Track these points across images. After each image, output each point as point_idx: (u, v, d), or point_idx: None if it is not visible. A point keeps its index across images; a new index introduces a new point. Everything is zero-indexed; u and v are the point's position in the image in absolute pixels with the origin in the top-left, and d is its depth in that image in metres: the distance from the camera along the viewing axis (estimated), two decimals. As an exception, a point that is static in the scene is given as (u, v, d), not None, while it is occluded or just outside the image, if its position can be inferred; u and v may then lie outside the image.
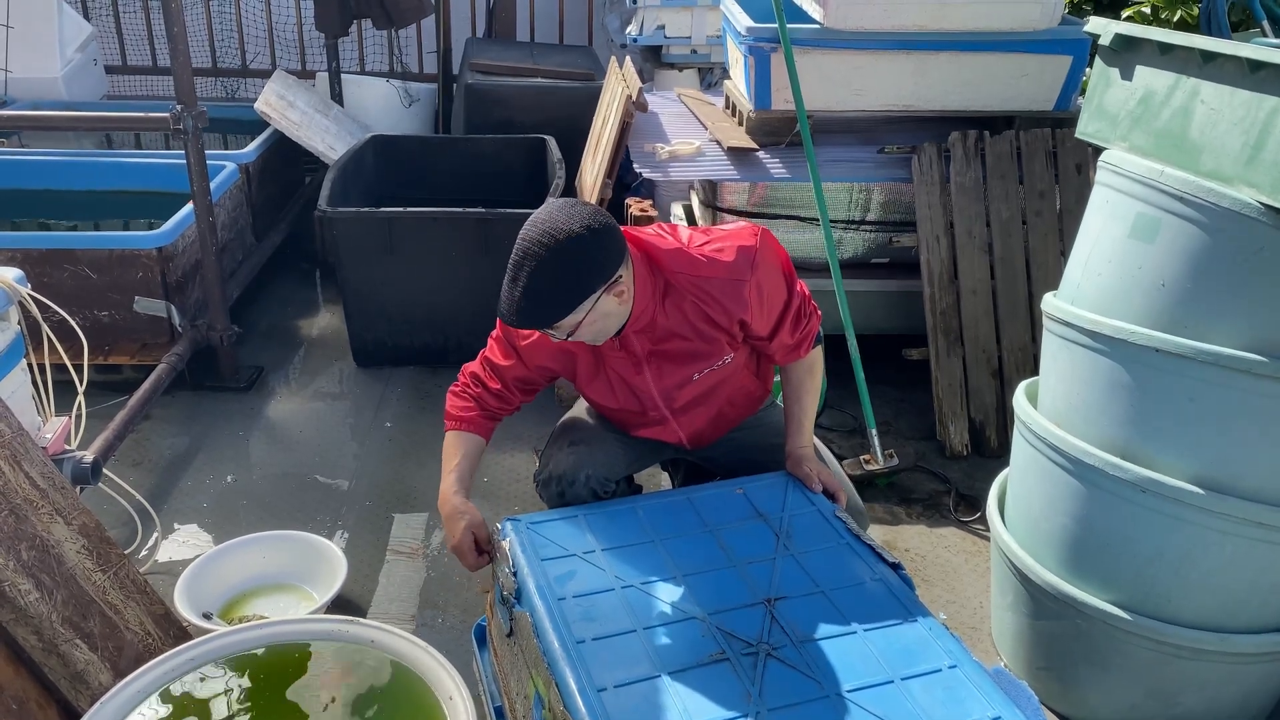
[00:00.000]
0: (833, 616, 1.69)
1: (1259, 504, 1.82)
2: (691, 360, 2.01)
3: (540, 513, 1.98)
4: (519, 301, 1.76)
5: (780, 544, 1.87)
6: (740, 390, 2.15)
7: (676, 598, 1.74)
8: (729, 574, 1.80)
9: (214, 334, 3.32)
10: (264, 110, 4.18)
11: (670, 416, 2.11)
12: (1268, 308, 1.77)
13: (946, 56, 3.20)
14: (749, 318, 1.96)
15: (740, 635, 1.65)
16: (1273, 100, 1.70)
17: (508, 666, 1.88)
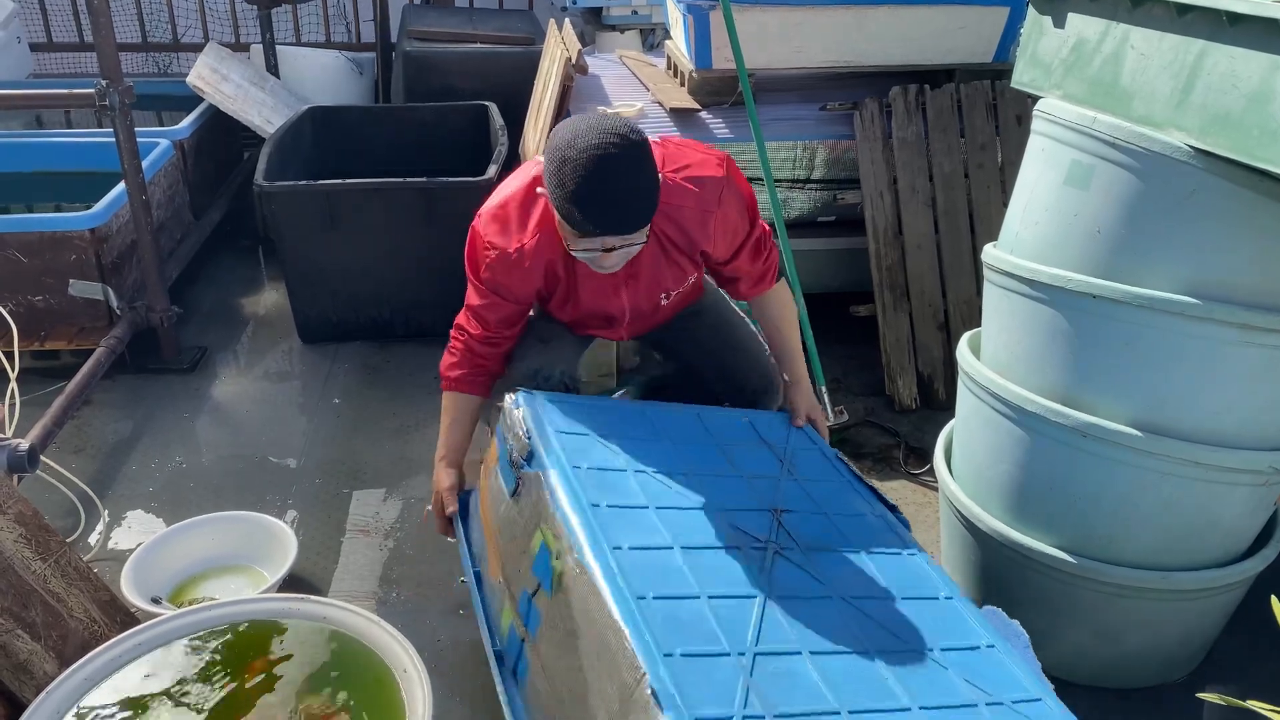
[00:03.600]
0: (835, 537, 1.74)
1: (1195, 444, 1.86)
2: (660, 283, 2.07)
3: (552, 394, 1.97)
4: (627, 201, 1.73)
5: (785, 469, 1.91)
6: (687, 300, 2.24)
7: (688, 488, 1.75)
8: (737, 482, 1.83)
9: (154, 315, 3.25)
10: (197, 84, 4.08)
11: (626, 326, 2.18)
12: (1200, 250, 1.80)
13: (885, 11, 3.19)
14: (710, 248, 2.02)
15: (750, 532, 1.66)
16: (1200, 43, 1.71)
17: (504, 529, 1.84)
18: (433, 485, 2.16)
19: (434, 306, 3.49)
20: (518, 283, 2.02)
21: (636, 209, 1.76)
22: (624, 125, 1.76)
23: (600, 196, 1.73)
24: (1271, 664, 2.22)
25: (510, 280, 2.02)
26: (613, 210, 1.74)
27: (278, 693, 1.80)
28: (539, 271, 2.01)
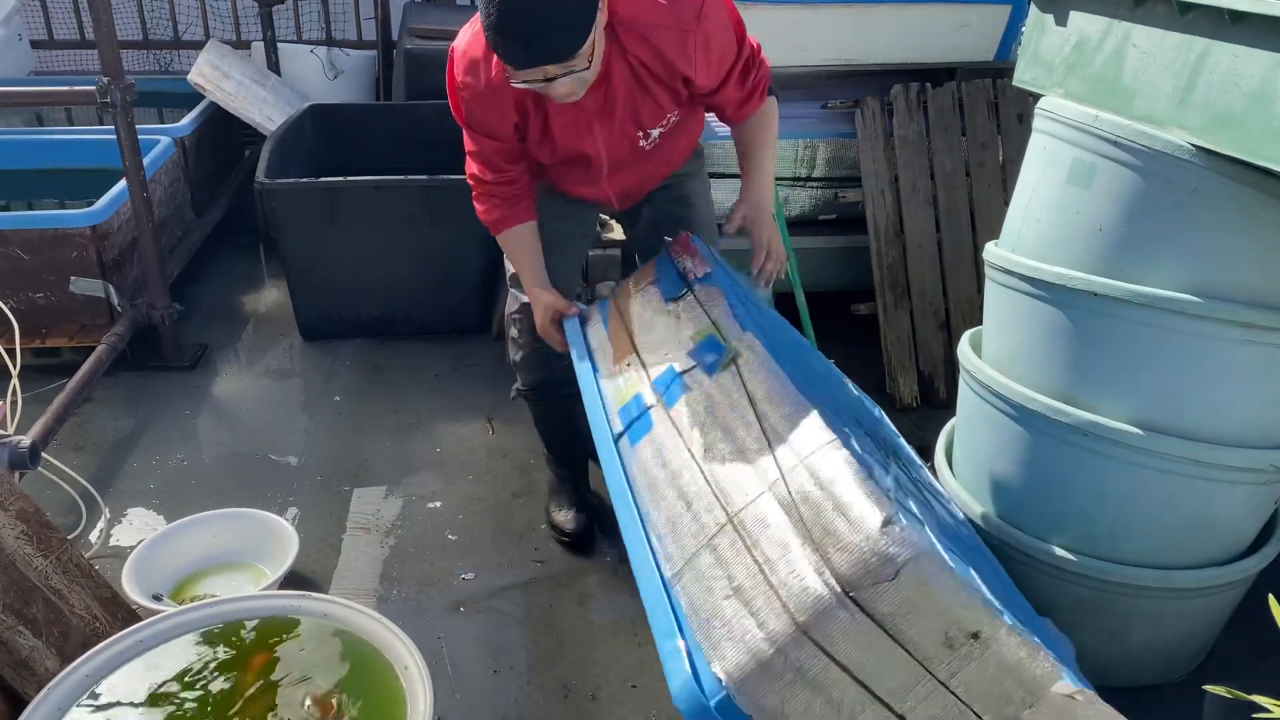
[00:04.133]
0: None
1: (1196, 442, 1.86)
2: (637, 119, 1.99)
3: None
4: (546, 27, 1.63)
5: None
6: (675, 148, 2.18)
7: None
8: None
9: (155, 313, 3.25)
10: (198, 82, 4.08)
11: (606, 175, 2.13)
12: (1201, 249, 1.80)
13: (887, 9, 3.19)
14: (694, 74, 1.91)
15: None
16: (1202, 42, 1.71)
17: (651, 326, 1.94)
18: (543, 307, 2.14)
19: (435, 304, 3.49)
20: (494, 119, 1.99)
21: (558, 35, 1.65)
22: None
23: (517, 25, 1.63)
24: (1273, 662, 2.22)
25: (487, 117, 1.99)
26: (533, 40, 1.64)
27: (279, 689, 1.80)
28: (510, 105, 1.95)
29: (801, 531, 1.37)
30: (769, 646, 1.31)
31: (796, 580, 1.32)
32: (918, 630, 1.30)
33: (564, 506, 2.58)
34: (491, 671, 2.19)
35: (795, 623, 1.30)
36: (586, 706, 2.10)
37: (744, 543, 1.42)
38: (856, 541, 1.30)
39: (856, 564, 1.29)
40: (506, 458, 2.89)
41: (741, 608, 1.37)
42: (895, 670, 1.32)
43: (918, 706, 1.34)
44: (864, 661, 1.31)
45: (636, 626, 2.30)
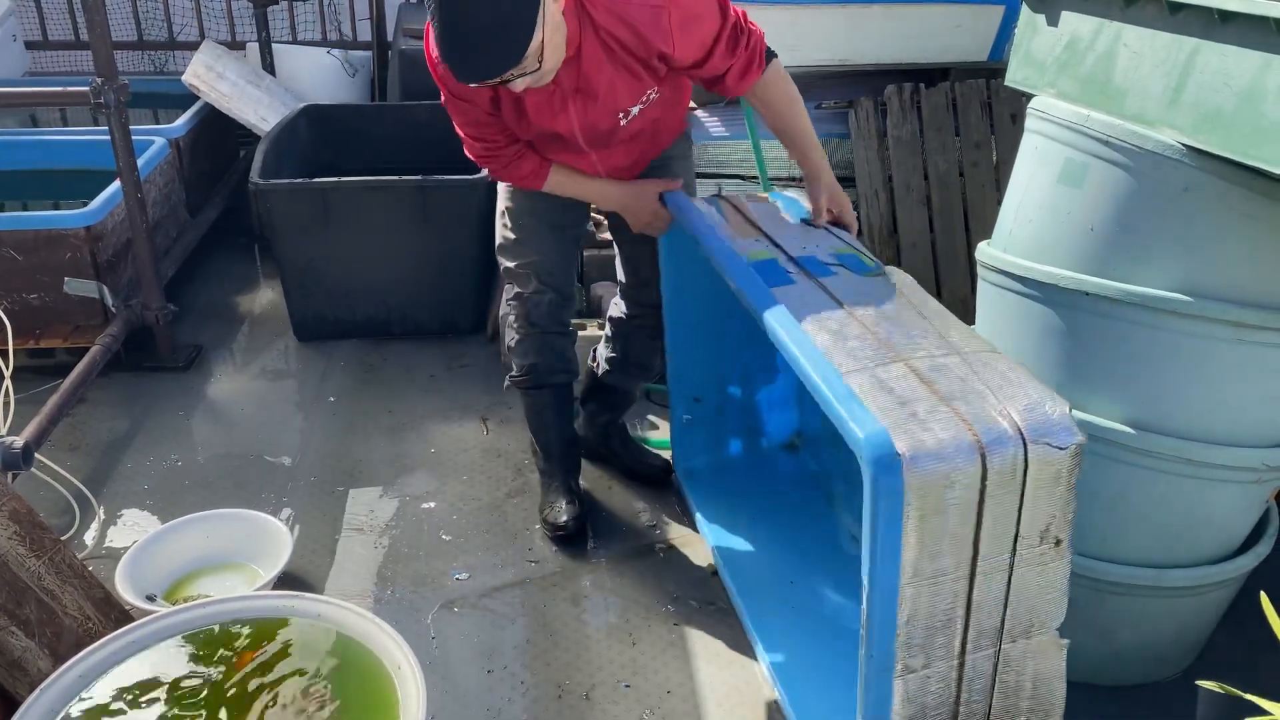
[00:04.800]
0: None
1: (1188, 441, 1.86)
2: (614, 98, 1.97)
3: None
4: (487, 42, 1.60)
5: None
6: (661, 127, 2.19)
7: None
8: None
9: (149, 313, 3.25)
10: (192, 82, 4.08)
11: (590, 150, 2.13)
12: (1192, 248, 1.80)
13: (880, 10, 3.20)
14: (671, 50, 1.88)
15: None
16: (1192, 41, 1.72)
17: (780, 226, 2.14)
18: (633, 205, 2.23)
19: (430, 304, 3.49)
20: (471, 94, 1.98)
21: (496, 49, 1.61)
22: None
23: (456, 42, 1.60)
24: (1265, 661, 2.22)
25: (464, 94, 1.99)
26: (471, 54, 1.61)
27: (272, 689, 1.80)
28: (483, 89, 1.94)
29: (980, 383, 1.57)
30: (947, 447, 1.45)
31: (980, 411, 1.51)
32: (1035, 508, 1.52)
33: (556, 502, 2.59)
34: (485, 671, 2.19)
35: (977, 440, 1.47)
36: (580, 706, 2.10)
37: (918, 378, 1.59)
38: (1047, 409, 1.52)
39: (1042, 421, 1.50)
40: (501, 458, 2.89)
41: (923, 413, 1.51)
42: (998, 531, 1.52)
43: (987, 575, 1.55)
44: (994, 511, 1.50)
45: (630, 626, 2.31)
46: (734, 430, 2.66)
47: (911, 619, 1.55)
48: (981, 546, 1.53)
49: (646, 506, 2.70)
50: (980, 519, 1.51)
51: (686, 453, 2.64)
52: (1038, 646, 1.69)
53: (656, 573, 2.47)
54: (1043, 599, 1.64)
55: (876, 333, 1.73)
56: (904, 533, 1.46)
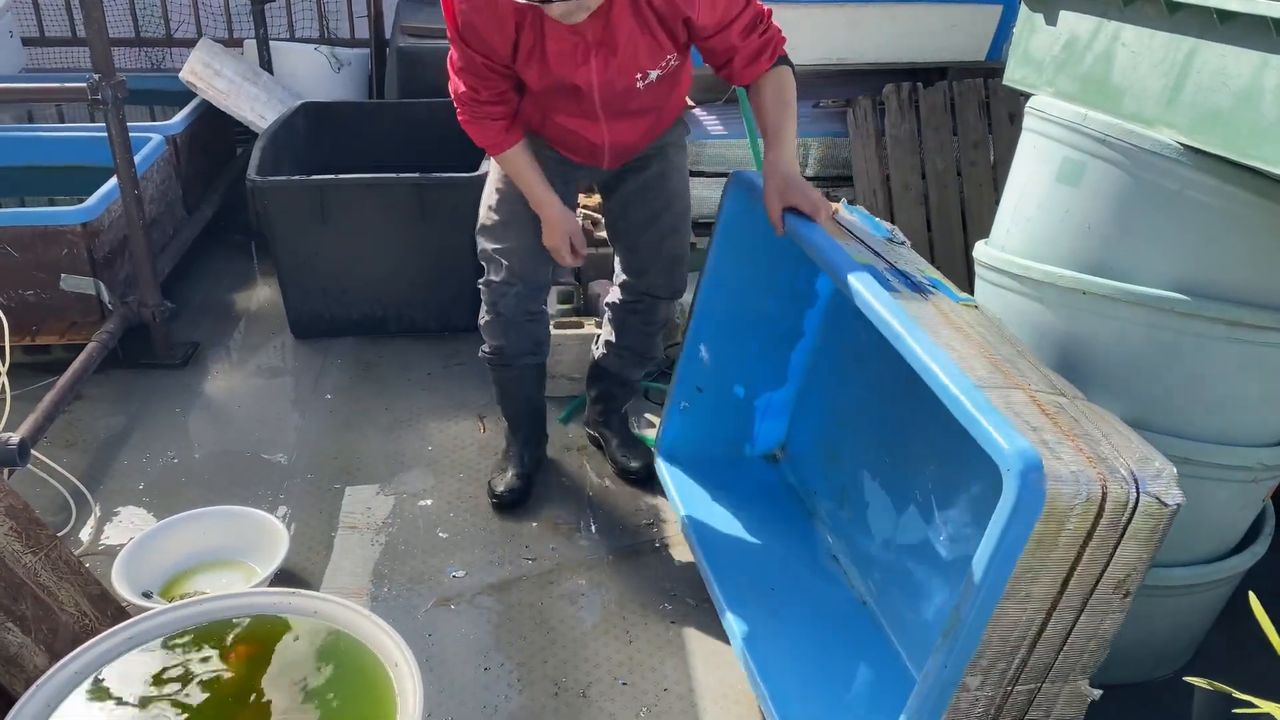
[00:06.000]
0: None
1: (1185, 440, 1.87)
2: (636, 59, 2.02)
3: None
4: None
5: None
6: (669, 99, 2.23)
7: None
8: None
9: (146, 310, 3.25)
10: (189, 80, 4.07)
11: (604, 117, 2.16)
12: (1190, 247, 1.80)
13: (878, 9, 3.20)
14: (695, 13, 1.94)
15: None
16: (1190, 41, 1.72)
17: (868, 236, 2.16)
18: (554, 223, 2.29)
19: (427, 302, 3.49)
20: (492, 31, 1.99)
21: None
22: None
23: None
24: (1260, 660, 2.22)
25: (485, 28, 1.99)
26: None
27: (269, 687, 1.80)
28: (509, 19, 1.96)
29: (1093, 428, 1.60)
30: (1080, 477, 1.47)
31: (1100, 452, 1.53)
32: (1124, 557, 1.56)
33: (504, 471, 2.69)
34: (482, 669, 2.19)
35: (1102, 477, 1.49)
36: (577, 704, 2.10)
37: (1038, 408, 1.60)
38: (1157, 465, 1.57)
39: (1154, 475, 1.54)
40: (498, 455, 2.89)
41: (1051, 442, 1.51)
42: (1088, 571, 1.55)
43: (1061, 612, 1.58)
44: (1093, 550, 1.53)
45: (627, 624, 2.31)
46: (724, 429, 2.65)
47: (989, 638, 1.55)
48: (1070, 583, 1.55)
49: (644, 504, 2.70)
50: (1080, 555, 1.52)
51: (674, 437, 2.62)
52: (1070, 692, 1.72)
53: (653, 570, 2.47)
54: (1091, 645, 1.68)
55: (993, 357, 1.72)
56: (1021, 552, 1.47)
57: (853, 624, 2.19)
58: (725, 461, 2.65)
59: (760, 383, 2.62)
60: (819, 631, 2.16)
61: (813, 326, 2.54)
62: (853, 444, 2.42)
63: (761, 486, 2.62)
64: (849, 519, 2.37)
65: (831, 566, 2.35)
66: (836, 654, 2.11)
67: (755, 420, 2.67)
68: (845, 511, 2.39)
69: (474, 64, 2.08)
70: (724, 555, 2.33)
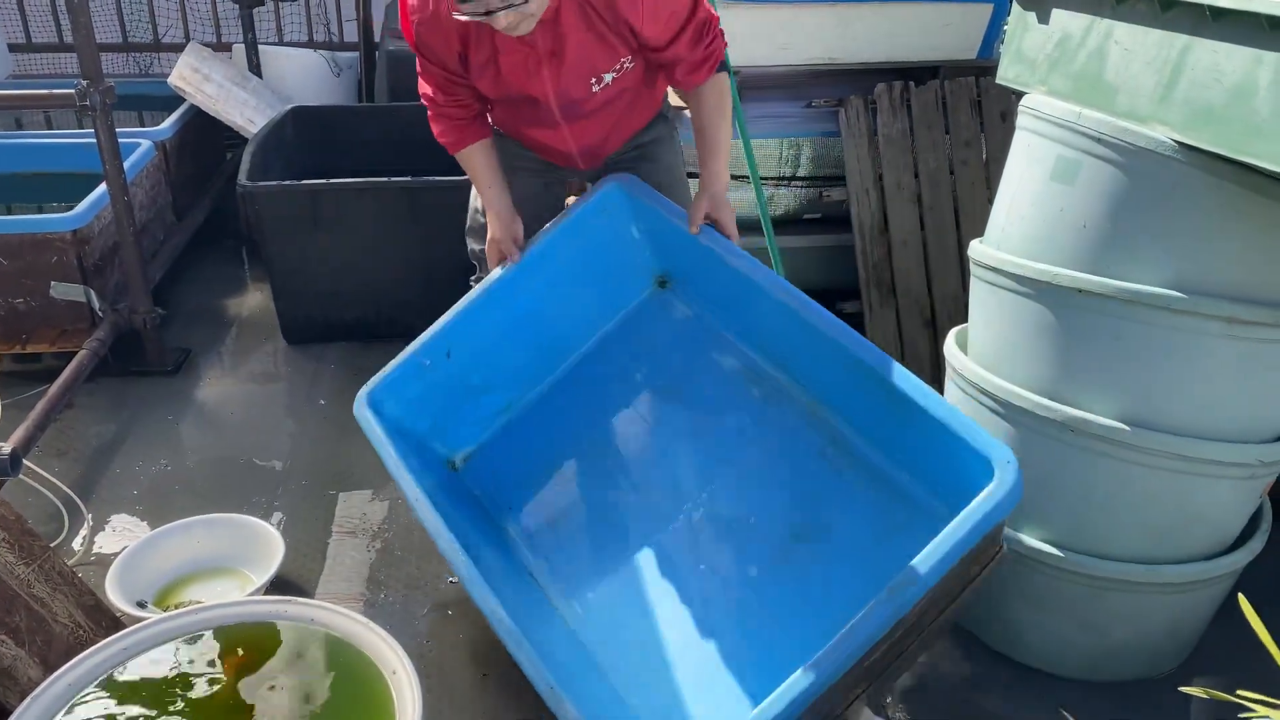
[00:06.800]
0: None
1: (1182, 437, 1.87)
2: (589, 63, 2.02)
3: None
4: None
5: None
6: (636, 103, 2.22)
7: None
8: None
9: (136, 317, 3.23)
10: (178, 85, 4.05)
11: (564, 122, 2.16)
12: (1185, 244, 1.80)
13: (870, 8, 3.20)
14: (640, 25, 1.94)
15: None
16: (1183, 38, 1.72)
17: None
18: (497, 226, 2.26)
19: (419, 306, 3.45)
20: (440, 46, 2.02)
21: None
22: None
23: None
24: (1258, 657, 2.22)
25: (434, 42, 2.02)
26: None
27: (266, 695, 1.79)
28: (454, 35, 1.99)
29: None
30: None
31: None
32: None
33: None
34: (480, 675, 2.17)
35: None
36: (576, 709, 2.09)
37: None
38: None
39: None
40: (493, 460, 2.88)
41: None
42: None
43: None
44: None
45: (625, 628, 2.29)
46: (434, 411, 2.32)
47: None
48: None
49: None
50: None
51: (392, 390, 2.26)
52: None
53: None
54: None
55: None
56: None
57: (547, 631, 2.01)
58: (421, 448, 2.29)
59: (499, 386, 2.39)
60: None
61: (569, 368, 2.41)
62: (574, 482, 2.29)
63: (438, 484, 2.25)
64: (553, 544, 2.19)
65: (528, 580, 2.17)
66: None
67: (460, 425, 2.36)
68: (551, 536, 2.21)
69: (432, 73, 2.12)
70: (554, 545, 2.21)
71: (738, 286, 2.14)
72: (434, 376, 2.29)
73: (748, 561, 1.97)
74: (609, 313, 2.42)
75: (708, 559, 2.02)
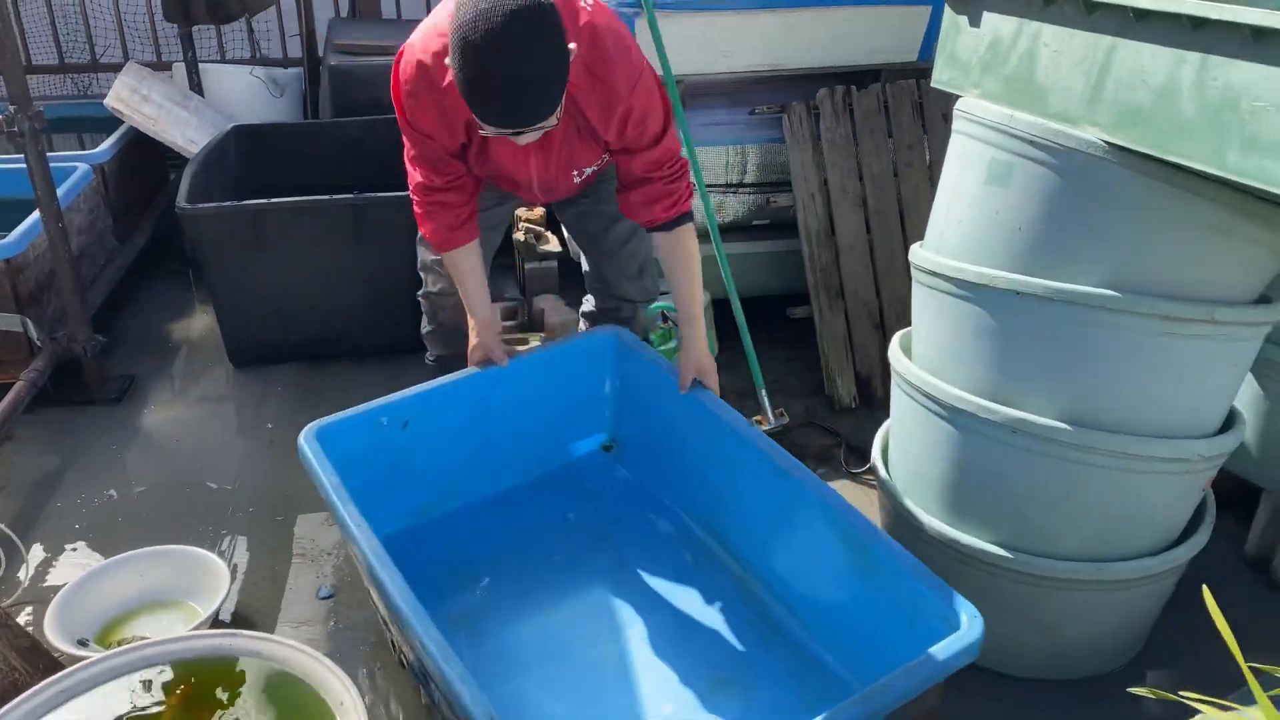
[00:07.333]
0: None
1: (1123, 435, 1.88)
2: (573, 160, 2.06)
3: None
4: (523, 95, 1.67)
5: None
6: (607, 178, 2.27)
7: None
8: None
9: (76, 346, 3.16)
10: (115, 106, 3.97)
11: (540, 196, 2.23)
12: (1119, 244, 1.82)
13: (810, 14, 3.20)
14: (605, 131, 1.98)
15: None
16: (1109, 40, 1.74)
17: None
18: (478, 343, 2.27)
19: (368, 324, 3.44)
20: (441, 130, 2.01)
21: (533, 103, 1.71)
22: (529, 4, 1.66)
23: (495, 91, 1.67)
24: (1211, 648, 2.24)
25: (432, 125, 2.00)
26: (512, 102, 1.69)
27: (209, 733, 1.75)
28: (460, 125, 1.98)
29: None
30: None
31: None
32: None
33: None
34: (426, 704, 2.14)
35: None
36: (531, 730, 2.07)
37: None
38: None
39: None
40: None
41: None
42: None
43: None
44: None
45: (580, 645, 2.27)
46: (368, 479, 2.13)
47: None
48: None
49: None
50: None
51: (342, 434, 2.16)
52: None
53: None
54: None
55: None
56: None
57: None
58: (368, 496, 2.04)
59: (434, 482, 2.32)
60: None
61: (504, 490, 2.42)
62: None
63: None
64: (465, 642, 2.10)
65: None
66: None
67: (388, 500, 2.22)
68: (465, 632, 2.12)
69: (427, 149, 2.07)
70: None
71: (717, 440, 2.19)
72: (382, 440, 2.24)
73: (664, 699, 1.95)
74: (556, 453, 2.48)
75: (623, 688, 1.98)
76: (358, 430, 2.19)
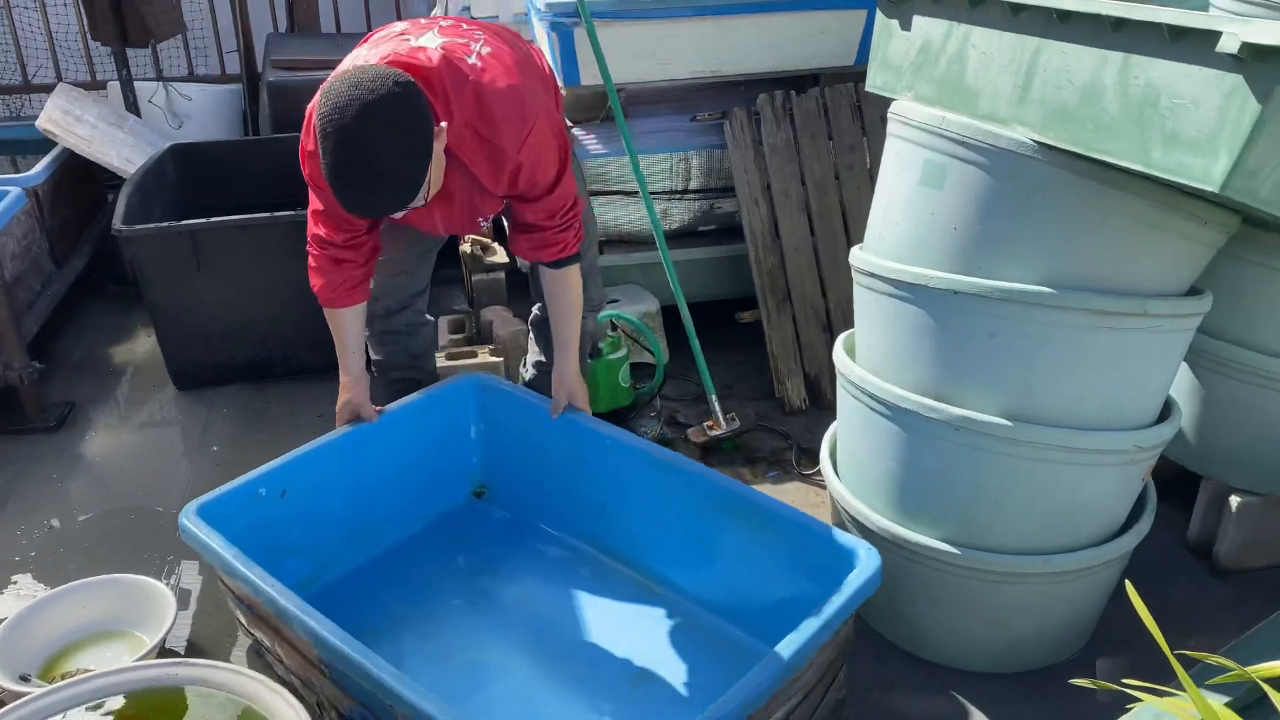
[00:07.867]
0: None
1: (1062, 429, 1.91)
2: (476, 209, 2.09)
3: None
4: (379, 187, 1.69)
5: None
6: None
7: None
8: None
9: (11, 374, 3.08)
10: (47, 128, 3.89)
11: (445, 236, 2.31)
12: (1052, 241, 1.85)
13: (747, 20, 3.22)
14: (502, 191, 2.02)
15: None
16: (1035, 41, 1.77)
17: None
18: (347, 400, 2.30)
19: (312, 342, 3.38)
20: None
21: (390, 196, 1.73)
22: (373, 83, 1.66)
23: (354, 181, 1.69)
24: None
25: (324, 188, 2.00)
26: (368, 196, 1.72)
27: (156, 766, 1.71)
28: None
29: None
30: None
31: None
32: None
33: None
34: (388, 720, 2.12)
35: None
36: (488, 747, 2.05)
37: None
38: None
39: None
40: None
41: None
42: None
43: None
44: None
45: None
46: (265, 548, 2.02)
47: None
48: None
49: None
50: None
51: (222, 511, 2.06)
52: None
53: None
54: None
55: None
56: None
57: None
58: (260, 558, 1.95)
59: (310, 552, 2.25)
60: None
61: (383, 550, 2.39)
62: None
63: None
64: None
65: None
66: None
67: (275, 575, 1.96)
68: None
69: (330, 204, 2.03)
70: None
71: (597, 455, 2.27)
72: (262, 514, 2.16)
73: (601, 704, 1.99)
74: (432, 503, 2.49)
75: (559, 704, 2.01)
76: (238, 506, 2.13)
